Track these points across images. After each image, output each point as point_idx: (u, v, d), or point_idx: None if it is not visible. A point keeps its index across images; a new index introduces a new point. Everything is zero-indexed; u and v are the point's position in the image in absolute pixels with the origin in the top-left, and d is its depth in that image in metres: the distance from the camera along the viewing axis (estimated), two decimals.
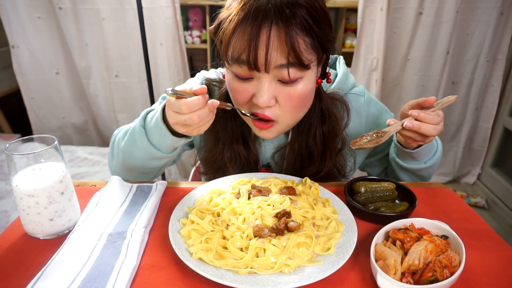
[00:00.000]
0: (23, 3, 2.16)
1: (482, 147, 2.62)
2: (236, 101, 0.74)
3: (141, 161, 0.80)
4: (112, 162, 0.88)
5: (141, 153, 0.78)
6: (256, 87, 0.69)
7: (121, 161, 0.84)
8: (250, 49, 0.63)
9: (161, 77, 2.40)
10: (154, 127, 0.73)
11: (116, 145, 0.85)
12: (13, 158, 0.59)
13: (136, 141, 0.77)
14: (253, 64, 0.64)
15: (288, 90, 0.69)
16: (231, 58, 0.67)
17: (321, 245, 0.60)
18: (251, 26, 0.62)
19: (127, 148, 0.80)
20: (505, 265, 0.60)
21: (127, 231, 0.64)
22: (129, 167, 0.84)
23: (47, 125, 2.52)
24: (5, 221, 1.55)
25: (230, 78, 0.72)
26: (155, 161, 0.80)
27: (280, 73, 0.66)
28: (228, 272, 0.55)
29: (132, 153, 0.80)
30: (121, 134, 0.84)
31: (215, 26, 0.72)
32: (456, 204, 0.79)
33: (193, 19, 2.55)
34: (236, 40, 0.65)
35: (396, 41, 2.36)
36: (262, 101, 0.68)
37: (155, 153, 0.77)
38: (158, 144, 0.76)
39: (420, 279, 0.52)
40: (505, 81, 2.46)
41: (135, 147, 0.78)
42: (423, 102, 0.71)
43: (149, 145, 0.76)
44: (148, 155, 0.78)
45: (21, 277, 0.55)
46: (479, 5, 2.21)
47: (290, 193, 0.71)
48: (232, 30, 0.65)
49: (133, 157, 0.80)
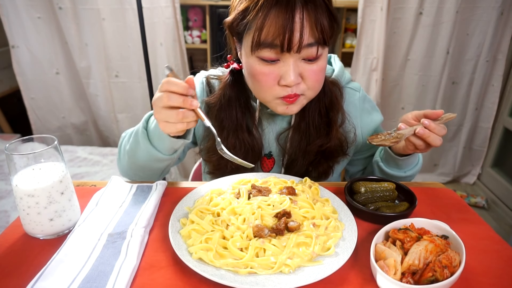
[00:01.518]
0: (23, 3, 2.16)
1: (482, 147, 2.62)
2: (263, 85, 0.75)
3: (144, 162, 0.82)
4: (120, 163, 0.91)
5: (144, 154, 0.80)
6: (282, 68, 0.72)
7: (127, 162, 0.86)
8: (285, 32, 0.67)
9: (161, 77, 2.40)
10: (154, 128, 0.76)
11: (123, 147, 0.88)
12: (13, 158, 0.59)
13: (139, 143, 0.79)
14: (287, 46, 0.68)
15: (312, 67, 0.73)
16: (261, 43, 0.70)
17: (321, 245, 0.60)
18: (284, 11, 0.67)
19: (132, 150, 0.82)
20: (505, 265, 0.60)
21: (127, 231, 0.64)
22: (135, 168, 0.86)
23: (47, 125, 2.52)
24: (5, 221, 1.55)
25: (255, 63, 0.73)
26: (157, 162, 0.82)
27: (307, 52, 0.71)
28: (228, 272, 0.55)
29: (136, 154, 0.82)
30: (127, 136, 0.87)
31: (235, 17, 0.73)
32: (456, 204, 0.79)
33: (193, 19, 2.55)
34: (270, 25, 0.68)
35: (396, 41, 2.36)
36: (291, 80, 0.72)
37: (157, 155, 0.78)
38: (159, 146, 0.77)
39: (420, 279, 0.52)
40: (505, 81, 2.46)
41: (139, 148, 0.80)
42: (431, 114, 0.75)
43: (150, 147, 0.77)
44: (150, 156, 0.79)
45: (21, 277, 0.55)
46: (479, 5, 2.21)
47: (290, 193, 0.71)
48: (264, 16, 0.68)
49: (137, 159, 0.82)
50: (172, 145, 0.76)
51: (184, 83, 0.65)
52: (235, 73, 0.87)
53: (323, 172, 0.91)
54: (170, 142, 0.75)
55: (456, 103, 2.51)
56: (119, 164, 0.92)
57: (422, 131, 0.72)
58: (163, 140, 0.75)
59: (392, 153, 0.85)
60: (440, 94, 2.45)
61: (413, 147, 0.77)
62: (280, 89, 0.75)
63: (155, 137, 0.76)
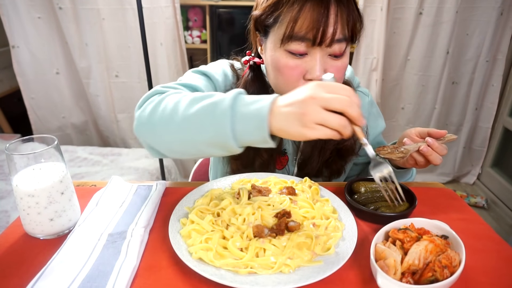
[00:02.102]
0: (23, 3, 2.16)
1: (482, 147, 2.62)
2: (287, 79, 0.75)
3: (199, 141, 0.62)
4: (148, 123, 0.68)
5: (208, 133, 0.60)
6: (309, 63, 0.72)
7: (170, 128, 0.64)
8: (320, 26, 0.68)
9: (161, 77, 2.40)
10: (251, 115, 0.58)
11: (172, 107, 0.64)
12: (13, 158, 0.59)
13: (213, 118, 0.59)
14: (320, 40, 0.69)
15: (336, 63, 0.74)
16: (293, 36, 0.70)
17: (321, 245, 0.60)
18: (320, 5, 0.67)
19: (193, 120, 0.61)
20: (505, 265, 0.60)
21: (127, 231, 0.64)
22: (171, 138, 0.65)
23: (47, 125, 2.52)
24: (5, 221, 1.55)
25: (283, 56, 0.73)
26: (215, 149, 0.63)
27: (336, 47, 0.71)
28: (228, 272, 0.55)
29: (196, 128, 0.61)
30: (186, 99, 0.64)
31: (265, 9, 0.74)
32: (456, 204, 0.79)
33: (193, 19, 2.55)
34: (305, 18, 0.68)
35: (396, 41, 2.36)
36: (317, 75, 0.72)
37: (227, 142, 0.59)
38: (240, 135, 0.59)
39: (420, 279, 0.52)
40: (505, 81, 2.46)
41: (207, 123, 0.60)
42: (435, 133, 0.77)
43: (228, 130, 0.58)
44: (216, 139, 0.60)
45: (21, 277, 0.55)
46: (479, 5, 2.21)
47: (290, 193, 0.71)
48: (299, 8, 0.68)
49: (192, 132, 0.62)
50: (261, 141, 0.59)
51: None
52: (255, 69, 0.86)
53: (336, 170, 0.92)
54: (263, 138, 0.57)
55: (456, 103, 2.52)
56: (143, 125, 0.69)
57: (426, 149, 0.74)
58: (256, 133, 0.57)
59: (390, 164, 0.86)
60: (440, 94, 2.45)
61: (414, 162, 0.79)
62: (305, 83, 0.74)
63: (245, 124, 0.58)
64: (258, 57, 0.86)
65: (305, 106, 0.54)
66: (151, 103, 0.68)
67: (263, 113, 0.56)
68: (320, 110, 0.54)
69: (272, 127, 0.56)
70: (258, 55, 0.85)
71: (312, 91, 0.55)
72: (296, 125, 0.54)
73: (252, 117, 0.57)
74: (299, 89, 0.57)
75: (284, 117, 0.55)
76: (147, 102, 0.70)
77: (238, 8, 2.54)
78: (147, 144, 0.71)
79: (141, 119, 0.69)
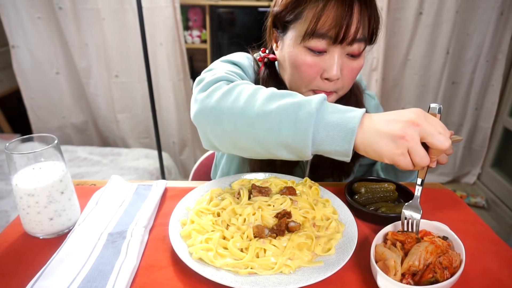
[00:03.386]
0: (23, 3, 2.16)
1: (482, 147, 2.62)
2: (304, 77, 0.75)
3: (272, 140, 0.57)
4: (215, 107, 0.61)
5: (285, 135, 0.56)
6: (327, 61, 0.72)
7: (240, 120, 0.59)
8: (343, 24, 0.68)
9: (161, 77, 2.40)
10: (337, 124, 0.54)
11: (247, 98, 0.59)
12: (13, 157, 0.59)
13: (295, 119, 0.55)
14: (342, 38, 0.69)
15: (352, 64, 0.74)
16: (315, 33, 0.70)
17: (321, 246, 0.60)
18: (344, 3, 0.67)
19: (271, 117, 0.56)
20: (505, 266, 0.60)
21: (127, 231, 0.64)
22: (243, 131, 0.59)
23: (47, 125, 2.52)
24: (5, 221, 1.55)
25: (302, 53, 0.73)
26: (285, 151, 0.58)
27: (355, 47, 0.71)
28: (228, 272, 0.55)
29: (272, 127, 0.56)
30: (263, 93, 0.60)
31: (286, 5, 0.74)
32: (456, 204, 0.79)
33: (193, 19, 2.55)
34: (328, 15, 0.68)
35: (396, 41, 2.36)
36: (334, 74, 0.72)
37: (302, 147, 0.55)
38: (320, 143, 0.55)
39: (420, 280, 0.52)
40: (505, 81, 2.46)
41: (286, 124, 0.55)
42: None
43: (308, 135, 0.54)
44: (292, 142, 0.56)
45: (21, 276, 0.55)
46: (479, 5, 2.21)
47: (290, 193, 0.71)
48: (324, 5, 0.68)
49: (266, 130, 0.57)
50: (343, 152, 0.54)
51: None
52: (269, 66, 0.86)
53: (347, 171, 0.93)
54: (345, 151, 0.54)
55: (456, 103, 2.52)
56: (206, 112, 0.62)
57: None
58: (338, 143, 0.54)
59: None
60: (440, 94, 2.45)
61: None
62: (321, 82, 0.75)
63: (327, 131, 0.54)
64: (273, 54, 0.85)
65: (406, 129, 0.51)
66: (219, 89, 0.62)
67: (352, 125, 0.53)
68: (418, 139, 0.51)
69: (357, 141, 0.54)
70: (273, 52, 0.85)
71: (415, 116, 0.52)
72: (388, 145, 0.51)
73: (339, 127, 0.54)
74: (400, 111, 0.54)
75: (377, 133, 0.52)
76: (214, 87, 0.63)
77: (238, 8, 2.54)
78: (204, 134, 0.65)
79: (205, 105, 0.62)
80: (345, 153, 0.54)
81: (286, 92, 0.60)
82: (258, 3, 2.46)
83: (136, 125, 2.57)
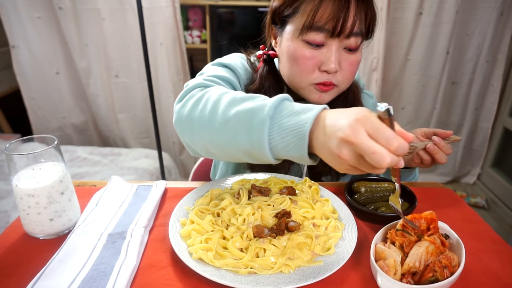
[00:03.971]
0: (23, 3, 2.16)
1: (482, 147, 2.62)
2: (303, 70, 0.76)
3: (234, 149, 0.57)
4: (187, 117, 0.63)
5: (244, 143, 0.55)
6: (325, 54, 0.74)
7: (207, 130, 0.60)
8: (340, 17, 0.69)
9: (161, 77, 2.40)
10: (290, 129, 0.51)
11: (212, 106, 0.59)
12: (13, 158, 0.59)
13: (249, 128, 0.54)
14: (339, 31, 0.70)
15: (350, 58, 0.76)
16: (313, 26, 0.71)
17: (321, 245, 0.60)
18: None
19: (229, 126, 0.56)
20: (505, 265, 0.60)
21: (127, 231, 0.64)
22: (210, 140, 0.61)
23: (47, 125, 2.52)
24: (5, 221, 1.55)
25: (300, 46, 0.75)
26: (251, 159, 0.59)
27: (352, 40, 0.73)
28: (228, 272, 0.55)
29: (231, 136, 0.56)
30: (226, 98, 0.59)
31: (284, 0, 0.75)
32: (456, 204, 0.79)
33: (193, 19, 2.55)
34: (325, 8, 0.69)
35: (396, 41, 2.36)
36: (332, 67, 0.73)
37: (262, 155, 0.54)
38: (277, 150, 0.53)
39: (420, 279, 0.52)
40: (505, 81, 2.46)
41: (243, 132, 0.55)
42: (441, 133, 0.77)
43: (264, 143, 0.53)
44: (251, 150, 0.55)
45: (21, 277, 0.55)
46: (479, 5, 2.21)
47: (290, 193, 0.71)
48: (320, 0, 0.70)
49: (228, 139, 0.57)
50: (299, 157, 0.52)
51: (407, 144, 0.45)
52: (268, 62, 0.87)
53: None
54: (302, 157, 0.51)
55: (456, 103, 2.52)
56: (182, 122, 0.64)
57: (433, 148, 0.75)
58: (295, 150, 0.51)
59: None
60: (440, 94, 2.45)
61: (419, 162, 0.80)
62: (319, 74, 0.76)
63: (283, 138, 0.52)
64: (272, 51, 0.86)
65: (341, 148, 0.46)
66: (192, 97, 0.64)
67: (304, 129, 0.49)
68: (355, 155, 0.45)
69: (312, 145, 0.50)
70: (272, 49, 0.86)
71: (351, 131, 0.45)
72: (332, 160, 0.48)
73: (292, 132, 0.50)
74: (345, 117, 0.47)
75: (321, 146, 0.48)
76: (189, 96, 0.65)
77: (238, 8, 2.54)
78: (183, 141, 0.67)
79: (180, 115, 0.64)
80: (303, 159, 0.52)
81: (247, 96, 0.58)
82: (258, 3, 2.47)
83: (136, 125, 2.57)
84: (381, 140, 0.44)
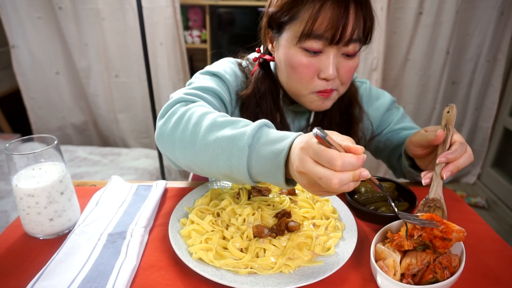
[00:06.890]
0: (23, 3, 2.16)
1: (482, 147, 2.62)
2: (302, 78, 0.76)
3: (215, 171, 0.60)
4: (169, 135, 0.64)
5: (224, 169, 0.57)
6: (324, 61, 0.73)
7: (188, 151, 0.61)
8: (339, 25, 0.68)
9: (161, 77, 2.40)
10: (267, 158, 0.53)
11: (192, 128, 0.61)
12: (13, 158, 0.59)
13: (229, 155, 0.55)
14: (338, 39, 0.69)
15: (348, 63, 0.75)
16: (312, 34, 0.70)
17: (321, 245, 0.60)
18: (340, 4, 0.68)
19: (210, 151, 0.58)
20: (505, 265, 0.60)
21: (127, 231, 0.64)
22: (192, 161, 0.62)
23: (47, 125, 2.52)
24: (5, 221, 1.55)
25: (298, 54, 0.74)
26: (231, 181, 0.63)
27: (350, 47, 0.72)
28: (228, 272, 0.55)
29: (212, 161, 0.58)
30: (207, 121, 0.60)
31: (281, 6, 0.73)
32: (456, 204, 0.79)
33: (193, 19, 2.55)
34: (324, 16, 0.69)
35: (396, 41, 2.35)
36: (330, 74, 0.73)
37: (242, 180, 0.57)
38: (256, 176, 0.55)
39: (421, 281, 0.52)
40: (505, 81, 2.46)
41: (223, 159, 0.56)
42: (434, 141, 0.66)
43: (243, 171, 0.55)
44: (231, 174, 0.57)
45: (21, 277, 0.55)
46: (479, 5, 2.21)
47: (290, 193, 0.71)
48: (320, 6, 0.68)
49: (208, 163, 0.59)
50: (275, 184, 0.55)
51: (359, 156, 0.45)
52: (265, 66, 0.86)
53: None
54: (278, 184, 0.54)
55: (456, 103, 2.50)
56: (163, 139, 0.66)
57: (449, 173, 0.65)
58: (272, 177, 0.53)
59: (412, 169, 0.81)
60: (440, 94, 2.45)
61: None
62: (319, 82, 0.75)
63: (261, 165, 0.53)
64: (269, 55, 0.85)
65: (301, 180, 0.49)
66: (174, 115, 0.65)
67: (279, 159, 0.51)
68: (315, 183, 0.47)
69: (290, 172, 0.51)
70: (268, 52, 0.85)
71: (299, 163, 0.47)
72: (306, 188, 0.49)
73: (270, 161, 0.52)
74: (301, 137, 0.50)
75: (294, 175, 0.50)
76: (170, 112, 0.67)
77: (238, 8, 2.54)
78: (165, 155, 0.69)
79: (162, 132, 0.66)
80: (280, 185, 0.54)
81: (227, 121, 0.59)
82: (258, 3, 2.47)
83: (136, 125, 2.57)
84: (324, 163, 0.44)
